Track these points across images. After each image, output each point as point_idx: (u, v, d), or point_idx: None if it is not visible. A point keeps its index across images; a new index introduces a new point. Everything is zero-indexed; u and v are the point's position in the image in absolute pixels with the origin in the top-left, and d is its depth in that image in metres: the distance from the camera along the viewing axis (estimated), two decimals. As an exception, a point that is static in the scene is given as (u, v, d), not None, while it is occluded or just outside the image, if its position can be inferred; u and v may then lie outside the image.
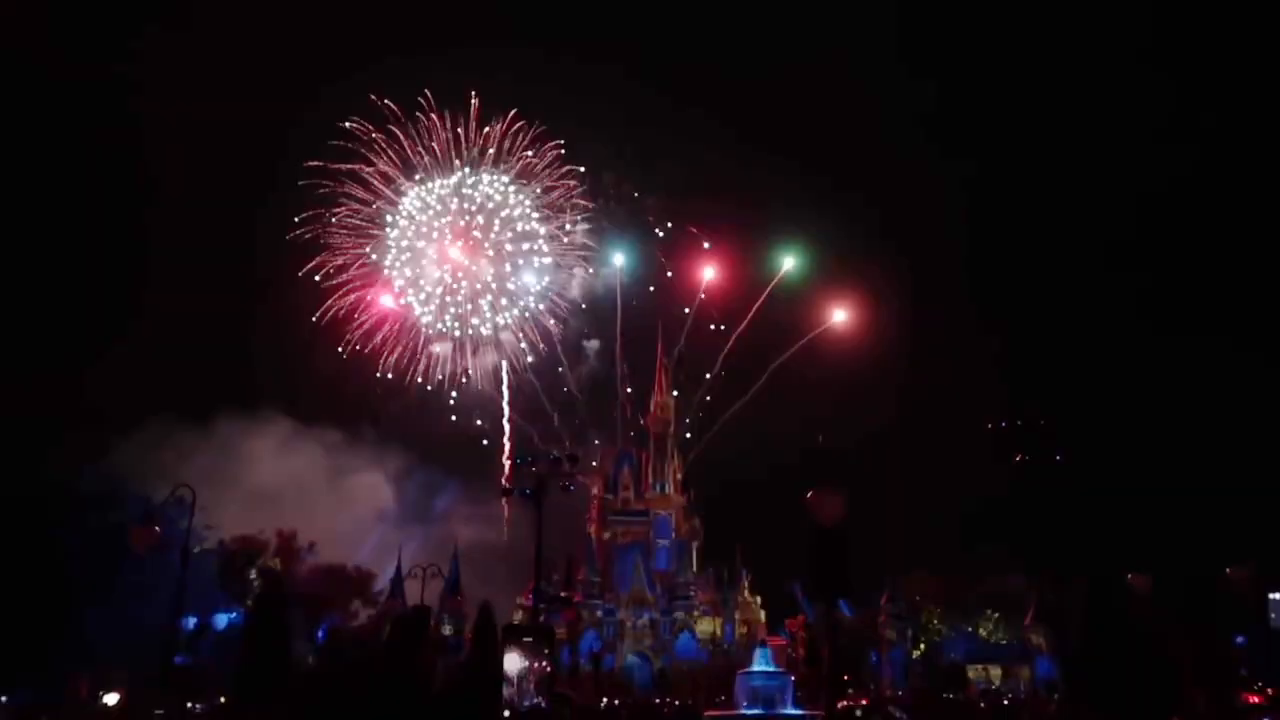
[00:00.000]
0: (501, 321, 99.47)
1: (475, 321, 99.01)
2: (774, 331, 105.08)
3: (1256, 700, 54.40)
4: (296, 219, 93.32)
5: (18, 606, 37.75)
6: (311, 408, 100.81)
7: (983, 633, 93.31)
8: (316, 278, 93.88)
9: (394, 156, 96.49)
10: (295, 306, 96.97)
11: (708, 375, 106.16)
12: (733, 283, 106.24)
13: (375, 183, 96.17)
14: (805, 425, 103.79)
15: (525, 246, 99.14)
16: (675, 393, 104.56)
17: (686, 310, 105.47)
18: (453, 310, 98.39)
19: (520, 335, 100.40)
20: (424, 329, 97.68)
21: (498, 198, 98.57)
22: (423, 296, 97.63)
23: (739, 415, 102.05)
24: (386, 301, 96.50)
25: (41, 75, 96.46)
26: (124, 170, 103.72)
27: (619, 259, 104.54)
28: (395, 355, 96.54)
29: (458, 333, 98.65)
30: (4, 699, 37.78)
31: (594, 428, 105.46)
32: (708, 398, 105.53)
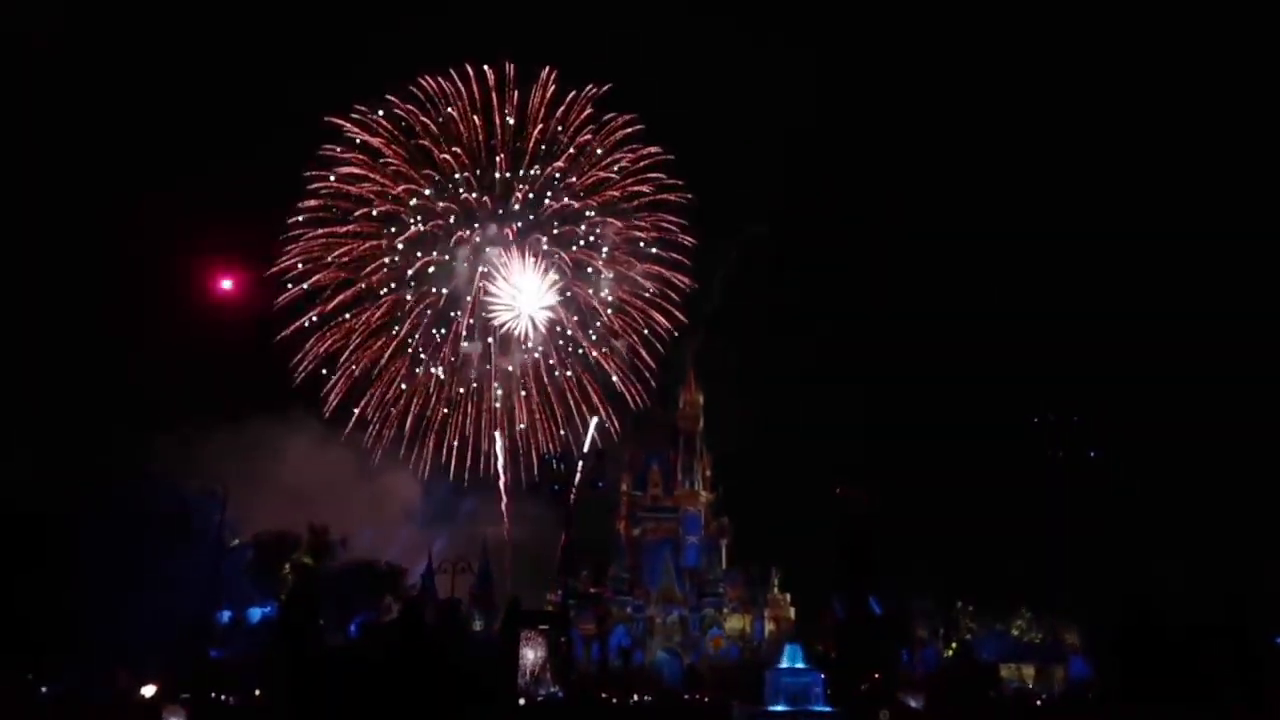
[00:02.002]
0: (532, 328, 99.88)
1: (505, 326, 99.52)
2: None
3: None
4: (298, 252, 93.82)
5: (54, 599, 38.54)
6: (339, 410, 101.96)
7: (1015, 632, 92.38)
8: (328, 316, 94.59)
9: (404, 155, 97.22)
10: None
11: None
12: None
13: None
14: (843, 418, 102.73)
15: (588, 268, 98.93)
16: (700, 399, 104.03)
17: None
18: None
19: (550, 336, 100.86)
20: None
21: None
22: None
23: (770, 411, 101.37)
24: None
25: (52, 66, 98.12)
26: (156, 169, 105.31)
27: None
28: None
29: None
30: (44, 689, 38.56)
31: (622, 425, 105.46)
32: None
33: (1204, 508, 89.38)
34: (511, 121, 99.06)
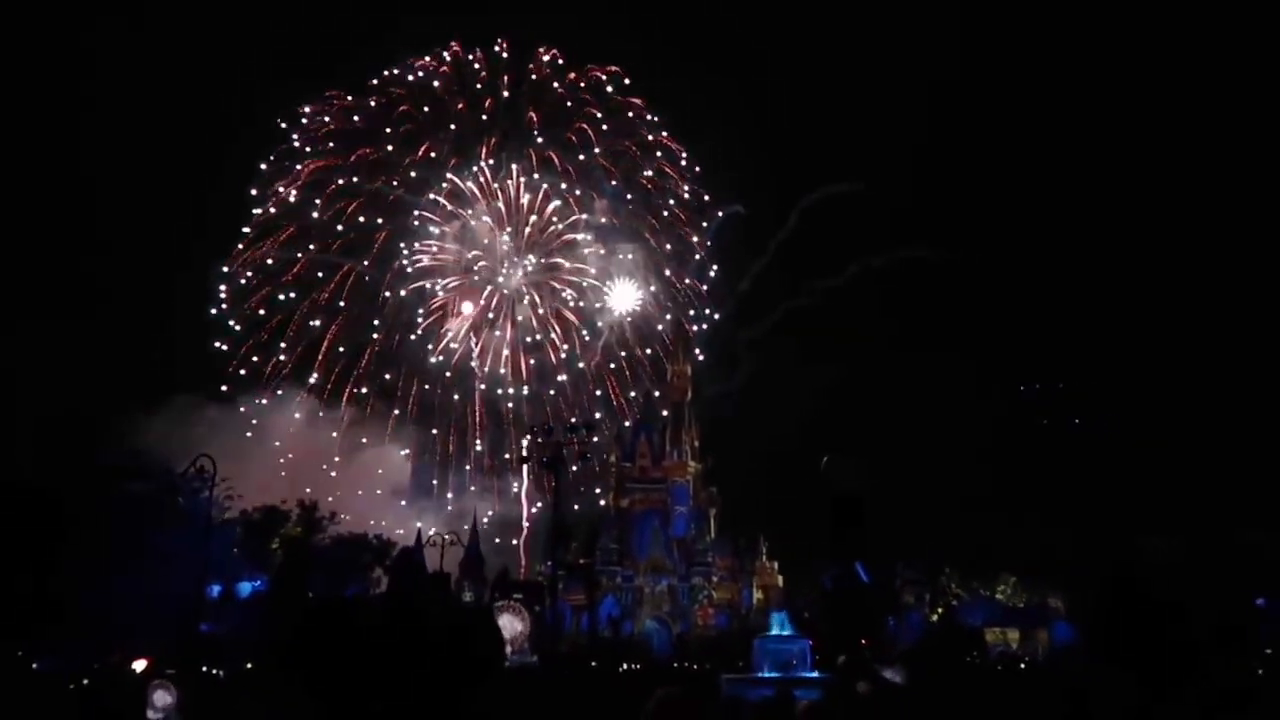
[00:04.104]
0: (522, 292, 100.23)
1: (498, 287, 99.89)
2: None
3: None
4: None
5: (46, 577, 38.53)
6: (331, 385, 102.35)
7: (1000, 596, 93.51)
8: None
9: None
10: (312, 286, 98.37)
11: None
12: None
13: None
14: (827, 385, 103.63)
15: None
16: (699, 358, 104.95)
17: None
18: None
19: (540, 307, 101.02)
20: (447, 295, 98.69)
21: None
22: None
23: (758, 375, 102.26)
24: None
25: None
26: (156, 153, 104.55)
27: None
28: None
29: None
30: (35, 665, 38.63)
31: (611, 396, 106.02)
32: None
33: (1188, 470, 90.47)
34: (505, 96, 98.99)
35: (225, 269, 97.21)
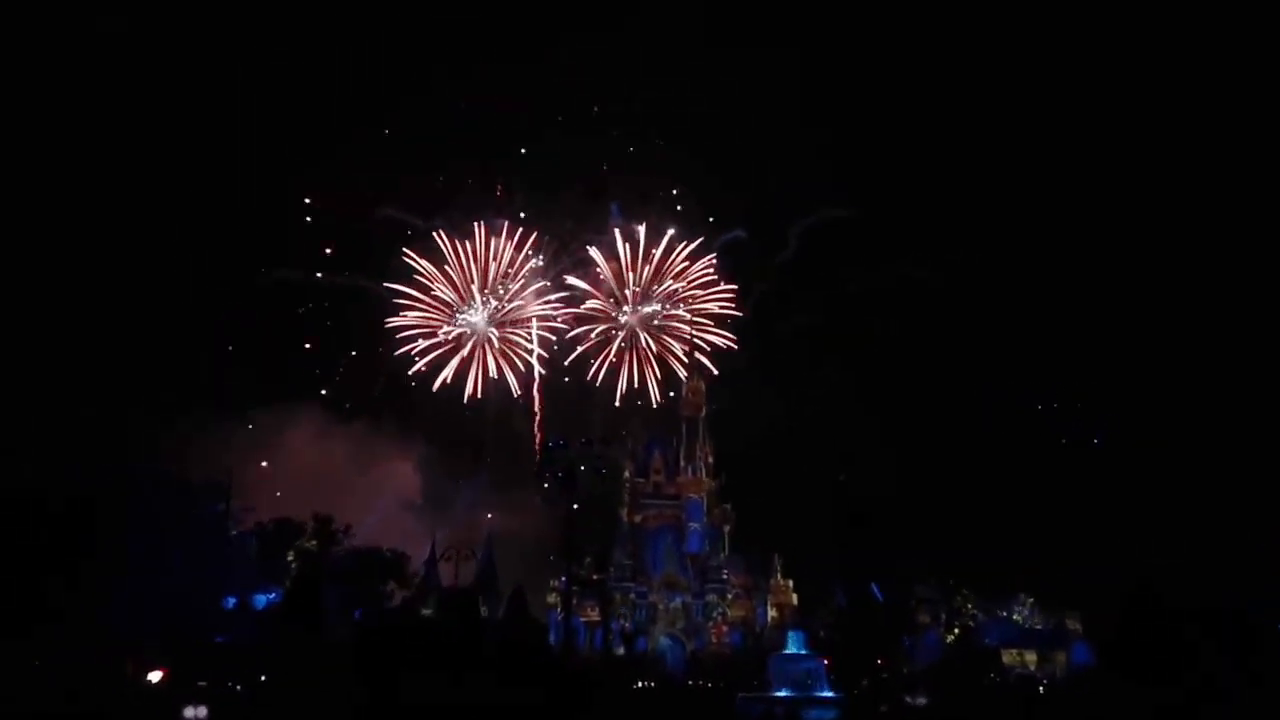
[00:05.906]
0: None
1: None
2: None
3: None
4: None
5: (64, 586, 38.79)
6: (343, 399, 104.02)
7: (1017, 618, 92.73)
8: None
9: None
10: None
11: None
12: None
13: None
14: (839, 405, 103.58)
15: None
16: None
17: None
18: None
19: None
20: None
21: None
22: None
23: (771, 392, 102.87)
24: None
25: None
26: (171, 162, 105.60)
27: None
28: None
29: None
30: (54, 676, 38.82)
31: (626, 412, 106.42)
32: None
33: (1208, 492, 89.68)
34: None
35: (244, 284, 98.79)
